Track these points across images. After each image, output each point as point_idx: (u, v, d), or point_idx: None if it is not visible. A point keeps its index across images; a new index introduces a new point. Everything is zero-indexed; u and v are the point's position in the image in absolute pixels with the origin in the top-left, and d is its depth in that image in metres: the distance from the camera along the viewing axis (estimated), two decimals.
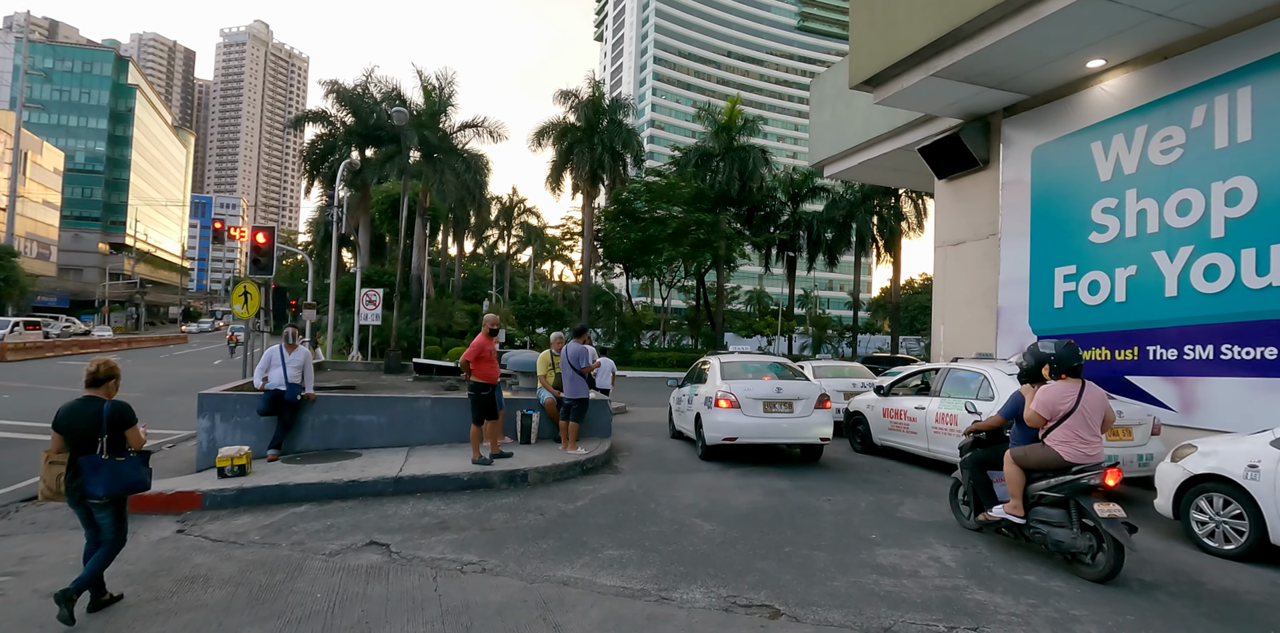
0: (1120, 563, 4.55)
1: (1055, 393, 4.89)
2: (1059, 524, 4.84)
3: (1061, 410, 4.85)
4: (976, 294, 11.34)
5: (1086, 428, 4.84)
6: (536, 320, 43.09)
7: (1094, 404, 4.87)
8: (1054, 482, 4.88)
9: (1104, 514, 4.54)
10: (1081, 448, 4.81)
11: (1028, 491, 5.08)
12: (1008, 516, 5.14)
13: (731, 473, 8.11)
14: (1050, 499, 4.93)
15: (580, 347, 8.24)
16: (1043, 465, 4.96)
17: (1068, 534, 4.75)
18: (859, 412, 10.07)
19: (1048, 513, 4.93)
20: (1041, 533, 4.93)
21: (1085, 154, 9.55)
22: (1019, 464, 5.08)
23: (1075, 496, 4.75)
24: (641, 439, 11.17)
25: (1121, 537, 4.45)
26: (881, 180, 17.23)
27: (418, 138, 30.07)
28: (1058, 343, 5.06)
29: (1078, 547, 4.70)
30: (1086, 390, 4.88)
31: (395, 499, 6.49)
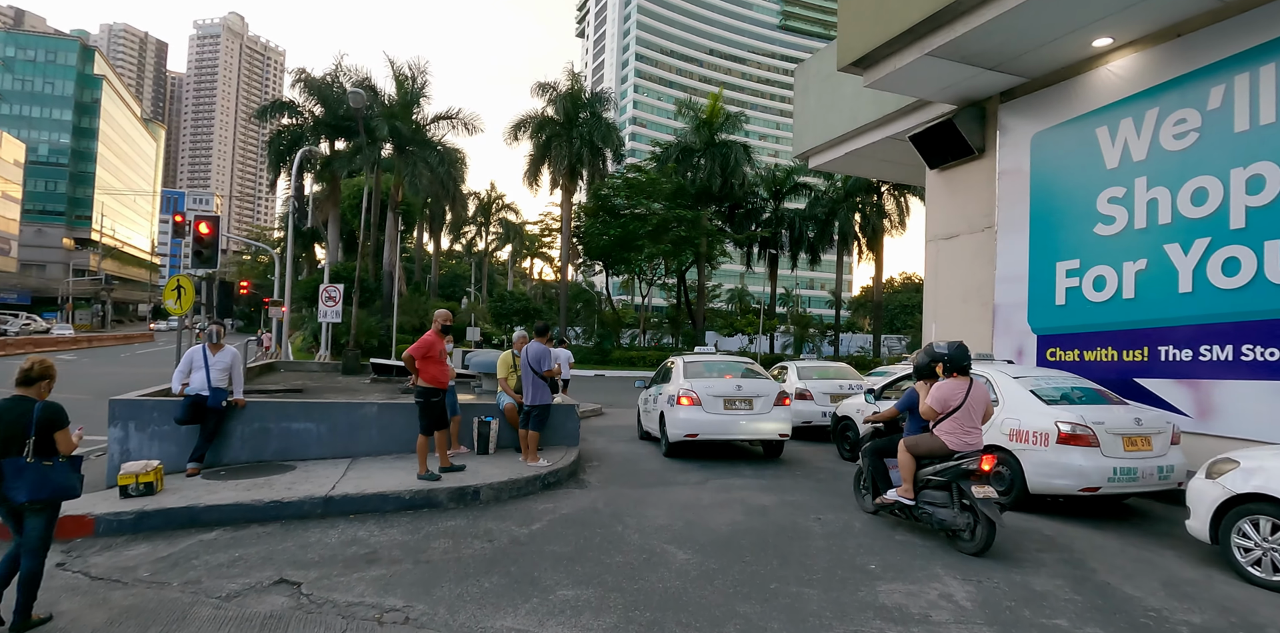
0: (992, 538, 5.09)
1: (948, 390, 5.45)
2: (942, 505, 5.40)
3: (952, 405, 5.41)
4: (971, 291, 10.68)
5: (970, 421, 5.42)
6: (514, 318, 42.11)
7: (979, 400, 5.49)
8: (939, 467, 5.44)
9: (979, 495, 5.09)
10: (964, 438, 5.38)
11: (918, 476, 5.62)
12: (900, 498, 5.71)
13: (710, 487, 7.34)
14: (936, 483, 5.49)
15: (541, 347, 7.42)
16: (931, 453, 5.52)
17: (949, 514, 5.31)
18: (847, 417, 9.35)
19: (933, 495, 5.50)
20: (928, 513, 5.50)
21: (1090, 140, 8.90)
22: (911, 452, 5.63)
23: (957, 479, 5.28)
24: (614, 446, 10.38)
25: (993, 515, 5.00)
26: (869, 172, 16.57)
27: (389, 129, 29.01)
28: (950, 344, 5.62)
29: (958, 525, 5.24)
30: (974, 388, 5.47)
31: (323, 523, 5.64)
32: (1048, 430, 6.30)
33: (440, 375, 6.97)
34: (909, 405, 5.88)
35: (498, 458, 7.71)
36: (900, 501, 5.69)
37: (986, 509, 5.01)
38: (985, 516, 5.02)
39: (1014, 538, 5.63)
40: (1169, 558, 5.22)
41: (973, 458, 5.22)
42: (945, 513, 5.33)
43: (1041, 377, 7.13)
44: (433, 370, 6.92)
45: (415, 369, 6.86)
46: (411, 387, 7.15)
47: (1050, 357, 9.24)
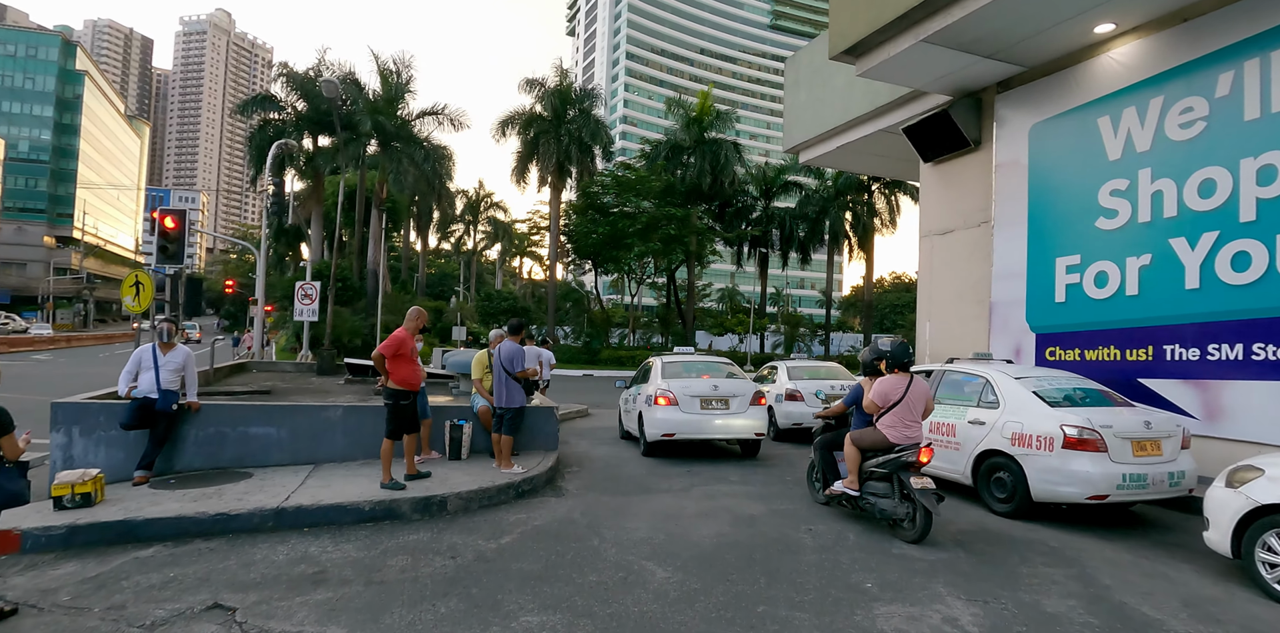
0: (929, 527, 5.34)
1: (889, 385, 5.70)
2: (884, 496, 5.65)
3: (892, 399, 5.66)
4: (966, 288, 10.32)
5: (910, 415, 5.67)
6: (501, 318, 41.58)
7: (918, 395, 5.72)
8: (881, 459, 5.67)
9: (918, 486, 5.32)
10: (904, 431, 5.62)
11: (862, 468, 5.85)
12: (846, 489, 5.94)
13: (695, 495, 6.93)
14: (878, 474, 5.72)
15: (514, 346, 6.98)
16: (874, 446, 5.76)
17: (891, 504, 5.56)
18: None
19: (876, 486, 5.74)
20: (871, 503, 5.73)
21: (1091, 131, 8.56)
22: (856, 445, 5.88)
23: (898, 471, 5.51)
24: (597, 449, 9.96)
25: (930, 505, 5.23)
26: (860, 167, 16.22)
27: (372, 124, 28.46)
28: (893, 342, 5.92)
29: (898, 514, 5.49)
30: (914, 384, 5.72)
31: (273, 538, 5.18)
32: (1052, 435, 5.93)
33: (411, 377, 6.54)
34: (855, 401, 6.19)
35: (470, 464, 7.27)
36: (846, 492, 5.96)
37: (924, 500, 5.25)
38: (923, 506, 5.27)
39: (1019, 550, 5.26)
40: (1187, 573, 4.85)
41: (912, 450, 5.48)
42: (887, 503, 5.60)
43: (1044, 377, 6.76)
44: (404, 371, 6.49)
45: (385, 369, 6.43)
46: (380, 388, 6.71)
47: (1050, 356, 8.89)
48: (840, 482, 6.06)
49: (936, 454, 7.11)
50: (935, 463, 7.13)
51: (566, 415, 15.24)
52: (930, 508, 5.22)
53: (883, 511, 5.59)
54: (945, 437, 6.99)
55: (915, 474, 5.42)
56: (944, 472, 7.03)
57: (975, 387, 6.98)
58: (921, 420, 5.78)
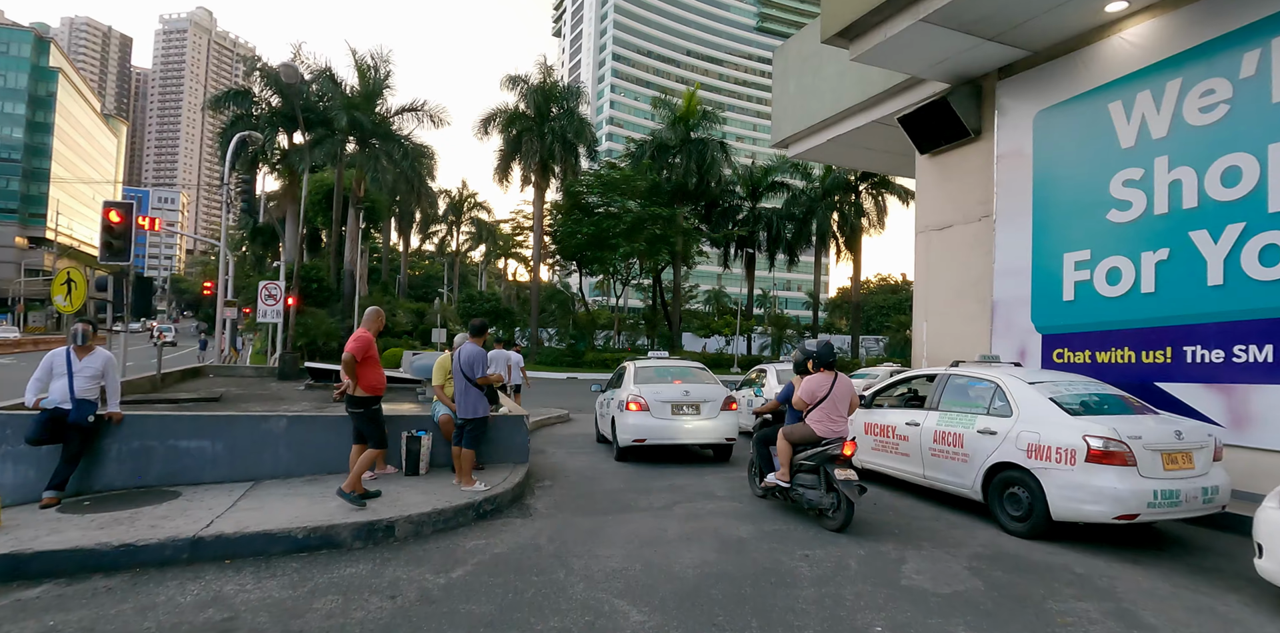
0: (851, 517, 5.67)
1: (815, 383, 6.07)
2: (811, 487, 5.95)
3: (819, 396, 6.01)
4: (966, 286, 9.74)
5: (835, 411, 6.02)
6: None
7: (843, 392, 6.09)
8: (809, 453, 5.98)
9: (841, 478, 5.60)
10: (830, 426, 5.97)
11: (793, 461, 6.13)
12: (778, 481, 6.24)
13: (677, 514, 6.25)
14: (806, 467, 6.00)
15: (476, 349, 6.28)
16: (803, 440, 6.06)
17: (817, 495, 5.87)
18: None
19: (804, 478, 6.04)
20: (800, 494, 6.03)
21: (1101, 117, 8.00)
22: (787, 439, 6.18)
23: (824, 463, 5.81)
24: (573, 459, 9.28)
25: (852, 495, 5.54)
26: (851, 162, 15.62)
27: (349, 120, 27.63)
28: (819, 342, 6.27)
29: (824, 504, 5.80)
30: (838, 381, 6.10)
31: (187, 572, 4.46)
32: (1074, 446, 5.33)
33: (379, 381, 5.95)
34: (787, 398, 6.52)
35: (429, 481, 6.56)
36: (778, 483, 6.26)
37: (846, 490, 5.55)
38: (845, 496, 5.58)
39: (1043, 579, 4.64)
40: (1235, 607, 4.25)
41: (836, 444, 5.79)
42: (813, 494, 5.91)
43: (1061, 382, 6.16)
44: (372, 376, 5.90)
45: (355, 374, 5.75)
46: (342, 396, 5.99)
47: (1057, 358, 8.32)
48: (772, 474, 6.36)
49: (940, 467, 6.51)
50: (941, 476, 6.52)
51: (545, 421, 14.57)
52: (852, 498, 5.55)
53: (810, 501, 5.92)
54: (951, 447, 6.37)
55: (840, 466, 5.70)
56: (950, 486, 6.42)
57: (984, 393, 6.37)
58: (847, 416, 6.13)
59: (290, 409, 8.59)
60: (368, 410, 5.87)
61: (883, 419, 7.44)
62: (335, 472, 6.64)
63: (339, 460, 6.59)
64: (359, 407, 5.85)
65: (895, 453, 7.16)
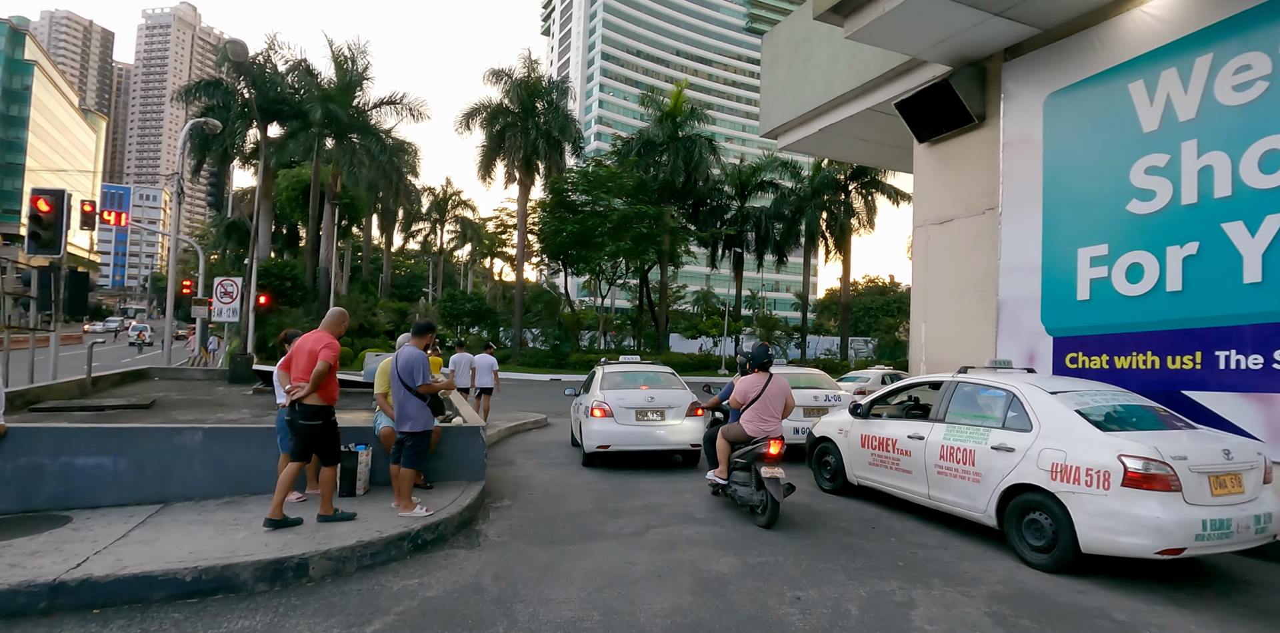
0: (777, 514, 5.83)
1: (748, 383, 6.24)
2: (744, 484, 6.14)
3: (751, 396, 6.15)
4: (969, 284, 9.02)
5: (768, 411, 6.15)
6: (465, 320, 39.82)
7: (775, 393, 6.23)
8: (742, 451, 6.16)
9: (767, 475, 5.74)
10: (760, 425, 6.10)
11: (731, 459, 6.28)
12: (716, 478, 6.45)
13: (650, 542, 5.45)
14: (740, 465, 6.20)
15: (414, 353, 5.43)
16: (738, 439, 6.21)
17: (748, 492, 6.06)
18: (827, 438, 7.56)
19: (739, 476, 6.23)
20: (734, 491, 6.22)
21: (1121, 99, 7.28)
22: (725, 438, 6.34)
23: (753, 462, 6.00)
24: (542, 472, 8.48)
25: (776, 492, 5.67)
26: (843, 154, 14.83)
27: (323, 112, 26.64)
28: (755, 344, 6.53)
29: (753, 501, 6.01)
30: (772, 382, 6.23)
31: (43, 625, 3.62)
32: (1108, 468, 4.59)
33: (336, 390, 5.22)
34: (728, 397, 6.72)
35: (365, 504, 5.72)
36: (716, 480, 6.50)
37: (771, 488, 5.69)
38: (771, 494, 5.71)
39: (1078, 628, 3.88)
40: None
41: (764, 443, 5.97)
42: (745, 491, 6.13)
43: (1086, 391, 5.43)
44: (332, 386, 5.18)
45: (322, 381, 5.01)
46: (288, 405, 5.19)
47: (1070, 363, 7.60)
48: (712, 471, 6.60)
49: (947, 487, 5.76)
50: (948, 497, 5.76)
51: (521, 427, 13.78)
52: (777, 495, 5.68)
53: (741, 498, 6.14)
54: (961, 465, 5.62)
55: (767, 465, 5.89)
56: (960, 509, 5.67)
57: (998, 403, 5.62)
58: (781, 417, 6.28)
59: (225, 417, 7.74)
60: (326, 423, 5.09)
61: (881, 431, 6.69)
62: (259, 492, 5.80)
63: (264, 479, 5.75)
64: (315, 418, 5.06)
65: (896, 469, 6.41)
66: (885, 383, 18.84)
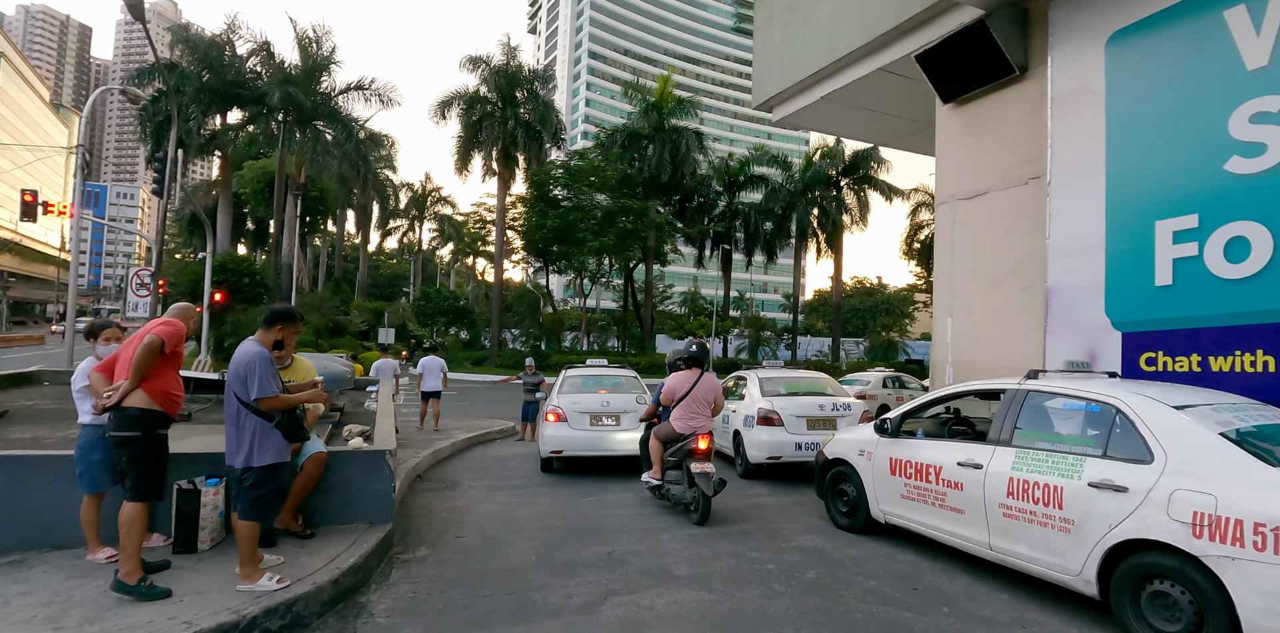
0: (709, 510, 5.90)
1: (677, 380, 6.32)
2: (676, 482, 6.21)
3: (680, 393, 6.23)
4: (1007, 270, 7.48)
5: (696, 407, 6.22)
6: (441, 320, 38.05)
7: (705, 390, 6.29)
8: (673, 449, 6.26)
9: (697, 471, 5.85)
10: (690, 422, 6.18)
11: (664, 458, 6.33)
12: (650, 479, 6.46)
13: (608, 620, 3.82)
14: (671, 463, 6.28)
15: (252, 352, 3.72)
16: (669, 438, 6.30)
17: (681, 490, 6.13)
18: (843, 461, 5.95)
19: (671, 474, 6.28)
20: (667, 490, 6.25)
21: (1214, 31, 5.76)
22: (657, 437, 6.42)
23: (684, 459, 6.12)
24: (491, 498, 6.86)
25: (706, 487, 5.75)
26: (847, 128, 13.16)
27: (281, 96, 24.82)
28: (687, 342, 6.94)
29: (686, 499, 6.08)
30: (702, 379, 6.29)
31: None
32: None
33: (173, 389, 3.67)
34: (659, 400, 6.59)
35: (207, 563, 4.04)
36: (651, 481, 6.39)
37: (702, 483, 5.75)
38: (701, 490, 5.77)
39: None
40: None
41: (692, 438, 6.06)
42: (678, 489, 6.12)
43: (1225, 405, 3.87)
44: (165, 381, 3.64)
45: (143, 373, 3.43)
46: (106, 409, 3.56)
47: (1146, 365, 6.06)
48: (647, 473, 6.48)
49: (1024, 536, 4.18)
50: (1021, 550, 4.19)
51: (484, 436, 12.18)
52: (707, 490, 5.68)
53: (675, 496, 6.08)
54: (1041, 508, 4.04)
55: (697, 460, 5.88)
56: (1040, 567, 4.09)
57: (1093, 421, 4.06)
58: (711, 414, 6.29)
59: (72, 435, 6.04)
60: (147, 436, 3.46)
61: (919, 455, 5.10)
62: (63, 546, 4.14)
63: (65, 526, 4.09)
64: (133, 428, 3.46)
65: (941, 507, 4.83)
66: (887, 387, 17.33)
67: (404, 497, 6.69)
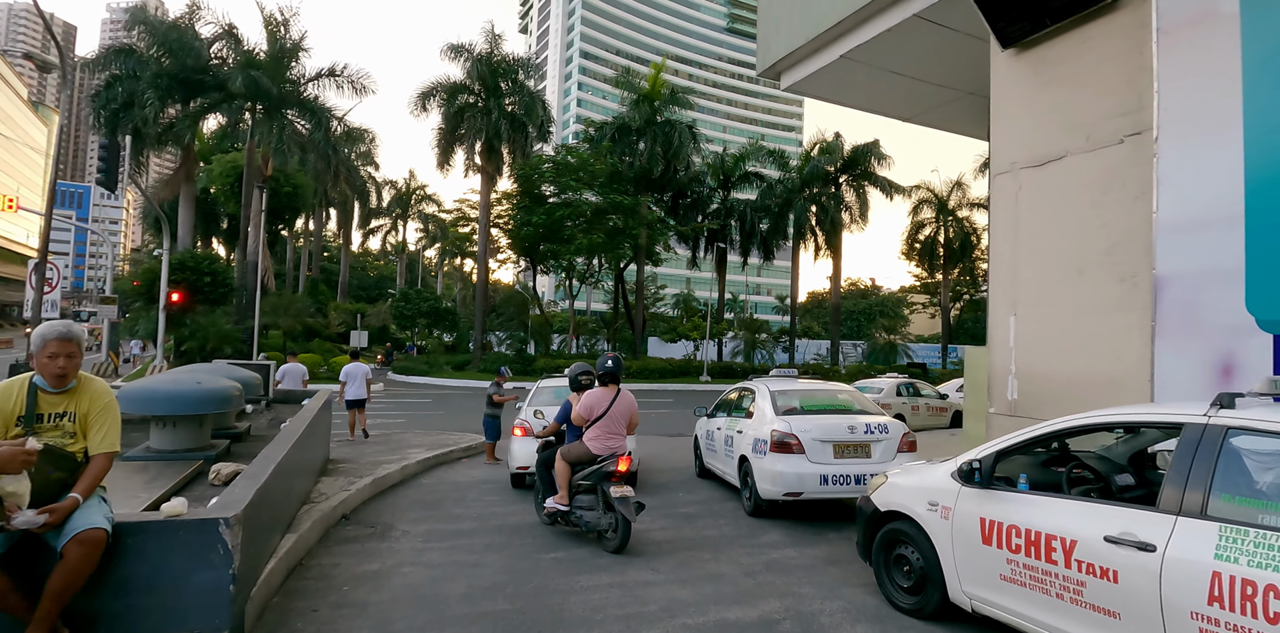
0: (628, 536, 5.37)
1: (594, 398, 5.84)
2: (589, 508, 5.66)
3: (597, 412, 5.77)
4: (1095, 254, 5.82)
5: (614, 427, 5.80)
6: (422, 321, 36.25)
7: (623, 409, 5.88)
8: (585, 471, 5.69)
9: (616, 495, 5.34)
10: (606, 442, 5.73)
11: (572, 482, 5.78)
12: (557, 505, 5.82)
13: None
14: (584, 487, 5.72)
15: None
16: (580, 459, 5.77)
17: (595, 515, 5.58)
18: (903, 515, 4.23)
19: (583, 499, 5.73)
20: (579, 517, 5.68)
21: None
22: (565, 460, 5.82)
23: (600, 482, 5.55)
24: (426, 554, 5.18)
25: (628, 512, 5.24)
26: (864, 98, 11.21)
27: (244, 80, 23.03)
28: (602, 357, 6.04)
29: (601, 525, 5.52)
30: (620, 397, 5.89)
31: None
32: None
33: None
34: (566, 417, 6.14)
35: None
36: (558, 507, 5.82)
37: (622, 507, 5.24)
38: (622, 514, 5.26)
39: None
40: None
41: (611, 460, 5.54)
42: (591, 515, 5.59)
43: None
44: None
45: None
46: None
47: None
48: (552, 498, 5.94)
49: None
50: None
51: (447, 456, 10.55)
52: (628, 515, 5.24)
53: (588, 523, 5.61)
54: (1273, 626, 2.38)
55: (615, 484, 5.44)
56: None
57: None
58: (628, 434, 5.97)
59: None
60: None
61: (1030, 518, 3.41)
62: None
63: None
64: None
65: (1076, 603, 3.14)
66: (901, 395, 15.70)
67: (301, 559, 4.97)
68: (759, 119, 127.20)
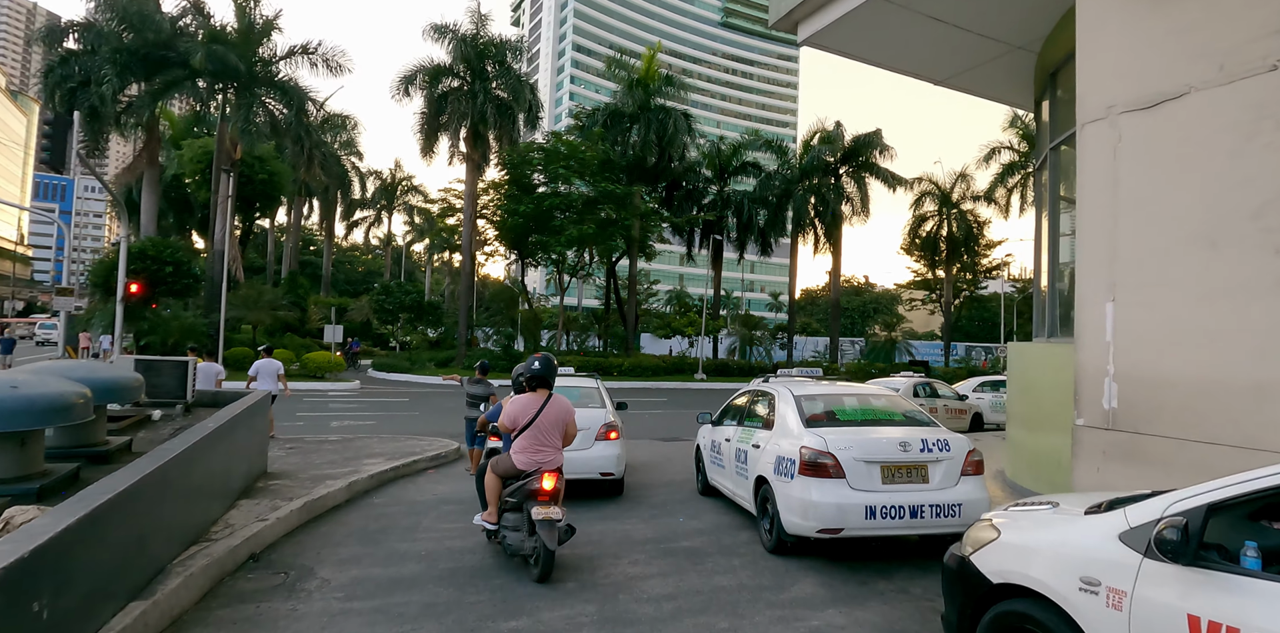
0: (551, 564, 4.67)
1: (519, 405, 5.04)
2: (515, 528, 4.96)
3: (520, 422, 4.99)
4: (1235, 219, 4.41)
5: (543, 439, 4.99)
6: (404, 315, 34.68)
7: (554, 418, 5.03)
8: (511, 488, 5.01)
9: (538, 517, 4.66)
10: (534, 456, 4.95)
11: (502, 498, 5.09)
12: (484, 523, 5.24)
13: None
14: (510, 504, 5.02)
15: None
16: (507, 474, 5.06)
17: (519, 538, 4.89)
18: (1031, 591, 2.83)
19: (510, 518, 5.02)
20: (503, 537, 5.01)
21: None
22: (494, 472, 5.15)
23: (524, 501, 4.87)
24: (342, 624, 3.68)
25: (549, 538, 4.57)
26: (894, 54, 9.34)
27: (206, 53, 21.39)
28: (530, 358, 5.26)
29: (525, 550, 4.85)
30: (550, 404, 5.03)
31: None
32: None
33: None
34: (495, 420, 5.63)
35: None
36: (485, 526, 5.26)
37: (544, 532, 4.61)
38: (543, 540, 4.59)
39: None
40: None
41: (535, 477, 4.86)
42: (515, 537, 4.94)
43: None
44: None
45: None
46: None
47: None
48: (480, 514, 5.32)
49: None
50: None
51: (410, 467, 9.15)
52: (549, 542, 4.57)
53: (511, 546, 4.92)
54: None
55: (540, 504, 4.73)
56: None
57: None
58: (562, 446, 5.11)
59: None
60: None
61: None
62: None
63: None
64: None
65: None
66: (918, 395, 14.33)
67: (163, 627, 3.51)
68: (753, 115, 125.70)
